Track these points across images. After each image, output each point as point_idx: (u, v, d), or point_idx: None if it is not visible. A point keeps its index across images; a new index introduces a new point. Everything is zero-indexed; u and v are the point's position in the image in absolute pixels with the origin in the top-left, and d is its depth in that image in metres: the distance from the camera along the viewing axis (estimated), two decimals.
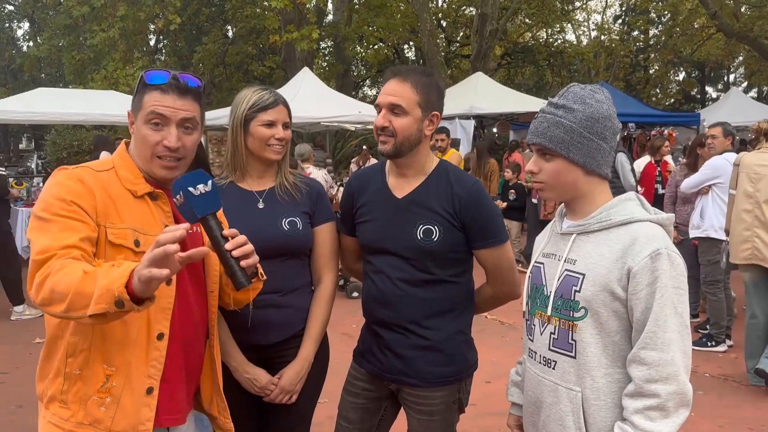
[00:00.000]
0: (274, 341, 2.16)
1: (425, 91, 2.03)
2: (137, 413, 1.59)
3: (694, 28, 25.08)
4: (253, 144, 2.15)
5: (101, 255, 1.57)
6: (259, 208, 2.17)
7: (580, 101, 1.63)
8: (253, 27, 20.71)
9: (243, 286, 1.56)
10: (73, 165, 1.68)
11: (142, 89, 1.66)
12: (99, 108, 9.76)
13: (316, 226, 2.24)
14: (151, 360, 1.61)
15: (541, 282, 1.75)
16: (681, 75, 32.54)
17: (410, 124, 2.02)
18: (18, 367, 5.04)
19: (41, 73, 23.76)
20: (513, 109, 13.13)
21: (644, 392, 1.50)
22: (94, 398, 1.56)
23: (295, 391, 2.16)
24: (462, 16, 24.87)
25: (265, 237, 2.03)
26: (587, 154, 1.63)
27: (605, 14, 29.72)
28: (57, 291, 1.38)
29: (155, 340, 1.62)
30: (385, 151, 2.06)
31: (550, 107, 1.68)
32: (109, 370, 1.57)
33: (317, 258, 2.26)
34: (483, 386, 4.42)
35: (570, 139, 1.62)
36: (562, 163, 1.64)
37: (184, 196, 1.55)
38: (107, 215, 1.59)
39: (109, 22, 16.45)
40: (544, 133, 1.65)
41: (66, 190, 1.57)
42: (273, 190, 2.20)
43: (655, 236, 1.55)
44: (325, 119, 11.40)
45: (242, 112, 2.13)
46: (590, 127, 1.62)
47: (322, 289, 2.25)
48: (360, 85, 28.91)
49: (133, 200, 1.65)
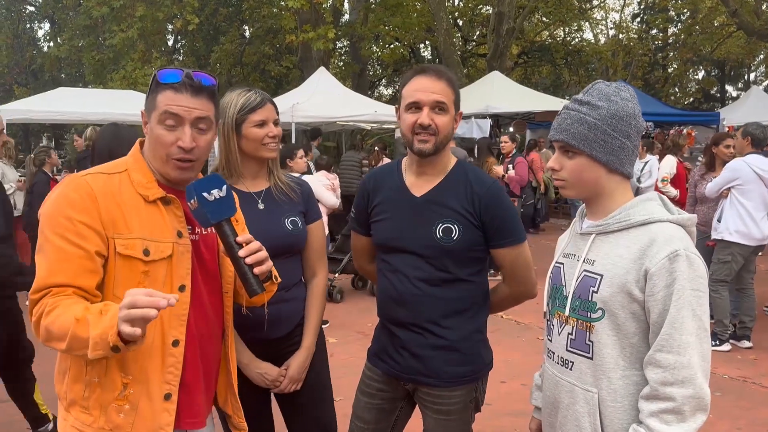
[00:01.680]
0: (283, 333, 2.25)
1: (456, 89, 2.05)
2: (156, 419, 1.60)
3: (714, 26, 24.76)
4: (247, 146, 2.18)
5: (111, 266, 1.56)
6: (260, 208, 2.21)
7: (605, 98, 1.61)
8: (269, 27, 20.80)
9: (255, 293, 1.56)
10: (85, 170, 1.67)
11: (155, 88, 1.63)
12: (118, 107, 9.85)
13: (309, 224, 2.32)
14: (167, 366, 1.61)
15: (561, 282, 1.74)
16: (700, 74, 32.17)
17: (449, 122, 2.03)
18: (38, 365, 5.10)
19: (61, 73, 24.05)
20: (529, 108, 13.07)
21: (659, 395, 1.49)
22: (113, 405, 1.57)
23: (300, 379, 2.28)
24: (478, 14, 24.77)
25: (270, 237, 2.07)
26: (610, 152, 1.61)
27: (623, 12, 29.45)
28: (52, 332, 1.41)
29: (170, 346, 1.62)
30: (426, 150, 2.01)
31: (575, 104, 1.65)
32: (126, 378, 1.57)
33: (311, 254, 2.34)
34: (498, 386, 4.41)
35: (593, 137, 1.60)
36: (585, 160, 1.62)
37: (198, 201, 1.53)
38: (114, 225, 1.57)
39: (128, 23, 16.61)
40: (567, 129, 1.63)
41: (71, 206, 1.54)
42: (270, 191, 2.26)
43: (673, 237, 1.53)
44: (341, 119, 11.41)
45: (231, 115, 2.16)
46: (614, 125, 1.60)
47: (318, 283, 2.36)
48: (376, 84, 28.93)
49: (145, 205, 1.62)
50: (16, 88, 22.11)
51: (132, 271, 1.57)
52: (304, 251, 2.32)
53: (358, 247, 2.34)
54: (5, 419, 4.07)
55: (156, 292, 1.27)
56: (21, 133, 25.14)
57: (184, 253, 1.65)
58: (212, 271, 1.78)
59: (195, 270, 1.69)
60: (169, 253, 1.62)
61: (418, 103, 2.00)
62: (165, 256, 1.61)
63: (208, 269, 1.76)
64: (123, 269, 1.57)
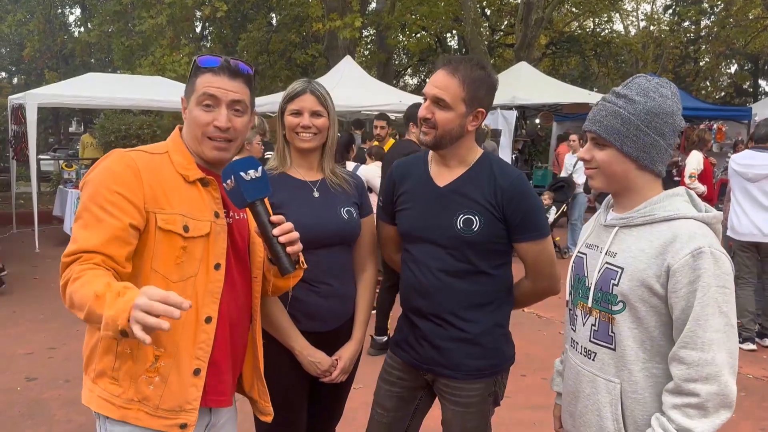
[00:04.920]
0: (332, 328, 2.25)
1: (473, 87, 1.99)
2: (184, 393, 1.63)
3: (749, 19, 24.18)
4: (287, 134, 2.22)
5: (151, 240, 1.60)
6: (315, 196, 2.23)
7: (643, 93, 1.60)
8: (296, 15, 20.78)
9: (288, 271, 1.60)
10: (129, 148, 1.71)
11: (195, 73, 1.69)
12: (146, 93, 9.93)
13: (363, 217, 2.31)
14: (199, 342, 1.65)
15: (583, 273, 1.74)
16: (733, 67, 31.48)
17: (452, 119, 2.00)
18: (66, 344, 5.22)
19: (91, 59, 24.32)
20: (556, 99, 12.91)
21: (683, 390, 1.49)
22: (143, 377, 1.60)
23: (350, 370, 2.32)
24: (507, 4, 24.49)
25: (327, 224, 2.15)
26: (641, 148, 1.60)
27: (655, 4, 28.96)
28: (75, 301, 1.43)
29: (203, 323, 1.65)
30: (426, 142, 2.06)
31: (612, 96, 1.64)
32: (158, 351, 1.60)
33: (362, 247, 2.34)
34: (518, 380, 4.40)
35: (626, 131, 1.59)
36: (614, 154, 1.62)
37: (235, 180, 1.58)
38: (156, 201, 1.61)
39: (157, 9, 16.73)
40: (600, 121, 1.63)
41: (113, 178, 1.59)
42: (324, 181, 2.27)
43: (696, 234, 1.52)
44: (366, 108, 11.40)
45: (280, 105, 2.23)
46: (649, 122, 1.58)
47: (369, 276, 2.37)
48: (401, 73, 28.80)
49: (185, 185, 1.68)
50: (47, 72, 22.41)
51: (171, 246, 1.62)
52: (356, 244, 2.33)
53: (385, 237, 2.35)
54: (68, 396, 4.18)
55: (171, 295, 1.27)
56: (51, 117, 25.54)
57: (220, 233, 1.70)
58: (243, 255, 1.82)
59: (228, 252, 1.73)
60: (207, 231, 1.67)
61: (425, 95, 2.04)
62: (203, 233, 1.66)
63: (239, 253, 1.80)
64: (163, 244, 1.61)
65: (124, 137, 10.76)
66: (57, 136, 27.55)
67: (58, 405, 4.05)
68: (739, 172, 5.33)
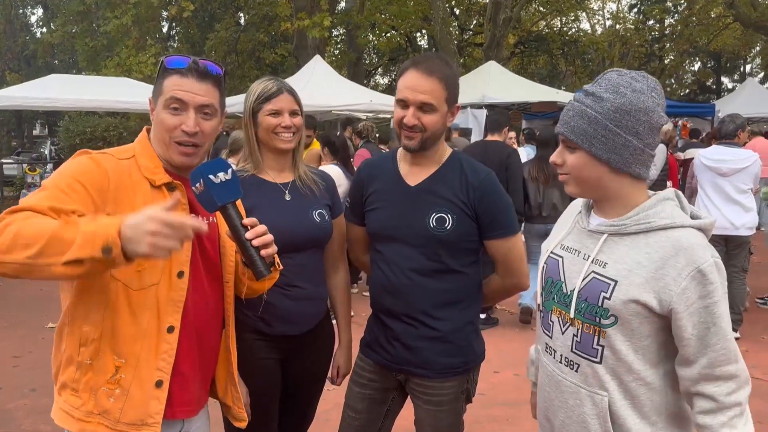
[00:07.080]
0: (304, 330, 2.22)
1: (450, 85, 2.00)
2: (146, 406, 1.58)
3: (711, 18, 24.76)
4: (262, 135, 2.17)
5: None
6: (287, 200, 2.19)
7: (613, 90, 1.47)
8: (265, 14, 20.67)
9: (263, 275, 1.55)
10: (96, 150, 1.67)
11: (162, 74, 1.64)
12: (112, 95, 9.78)
13: (334, 217, 2.29)
14: (161, 353, 1.59)
15: (559, 277, 1.63)
16: (696, 65, 32.20)
17: (437, 120, 2.00)
18: (31, 352, 5.10)
19: (55, 60, 23.86)
20: (526, 98, 13.06)
21: (726, 405, 1.44)
22: (103, 389, 1.55)
23: (349, 372, 2.35)
24: (475, 3, 24.69)
25: (299, 228, 2.12)
26: (612, 149, 1.47)
27: (620, 3, 29.42)
28: (22, 235, 1.30)
29: (165, 333, 1.60)
30: (411, 147, 2.02)
31: (581, 94, 1.53)
32: (118, 361, 1.56)
33: (335, 248, 2.33)
34: (491, 376, 4.42)
35: (593, 132, 1.47)
36: (585, 157, 1.50)
37: (204, 184, 1.52)
38: (118, 203, 1.56)
39: (122, 9, 16.49)
40: (567, 122, 1.52)
41: (79, 170, 1.54)
42: (295, 183, 2.23)
43: (699, 246, 1.43)
44: (336, 108, 11.37)
45: (250, 104, 2.16)
46: (618, 120, 1.45)
47: (343, 276, 2.38)
48: (372, 73, 28.82)
49: (150, 190, 1.62)
50: (9, 74, 21.93)
51: None
52: (327, 245, 2.30)
53: (353, 238, 2.33)
54: (33, 405, 4.07)
55: (184, 216, 1.29)
56: (14, 120, 24.97)
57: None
58: (213, 260, 1.77)
59: (196, 258, 1.69)
60: None
61: (405, 101, 2.00)
62: None
63: (209, 259, 1.75)
64: None
65: (89, 140, 10.59)
66: (20, 140, 26.95)
67: (24, 414, 3.95)
68: (712, 167, 5.40)
